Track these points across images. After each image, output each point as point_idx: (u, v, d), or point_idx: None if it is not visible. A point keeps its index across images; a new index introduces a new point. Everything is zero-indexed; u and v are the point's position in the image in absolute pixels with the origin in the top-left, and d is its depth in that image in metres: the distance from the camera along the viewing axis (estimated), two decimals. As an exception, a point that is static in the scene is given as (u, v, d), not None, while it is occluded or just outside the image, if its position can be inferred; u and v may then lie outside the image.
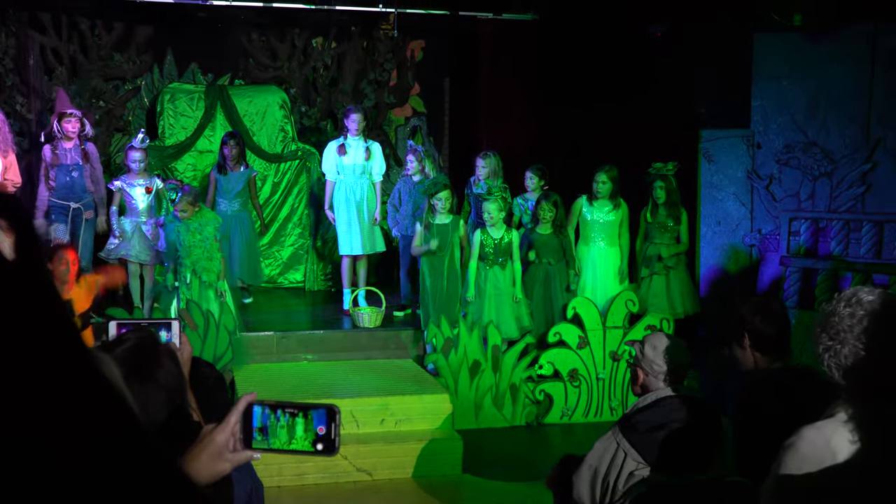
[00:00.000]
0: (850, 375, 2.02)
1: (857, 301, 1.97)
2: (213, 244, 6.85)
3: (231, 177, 8.01)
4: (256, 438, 1.58)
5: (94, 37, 9.28)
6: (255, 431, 1.58)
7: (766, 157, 9.27)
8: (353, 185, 7.83)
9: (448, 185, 7.18)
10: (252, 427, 1.58)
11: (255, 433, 1.58)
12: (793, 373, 3.18)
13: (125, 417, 0.86)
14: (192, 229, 6.77)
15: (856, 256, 8.40)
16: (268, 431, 1.57)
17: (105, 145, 9.23)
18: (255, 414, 1.58)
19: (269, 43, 9.84)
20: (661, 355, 3.28)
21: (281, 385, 6.44)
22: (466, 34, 10.04)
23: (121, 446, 0.82)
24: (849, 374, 2.02)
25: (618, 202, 7.45)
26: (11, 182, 7.31)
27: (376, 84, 9.94)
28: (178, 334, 2.38)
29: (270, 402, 1.58)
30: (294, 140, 9.38)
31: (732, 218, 9.36)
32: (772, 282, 9.01)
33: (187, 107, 9.18)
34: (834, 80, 8.91)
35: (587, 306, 7.03)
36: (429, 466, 5.92)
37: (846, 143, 8.99)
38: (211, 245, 6.83)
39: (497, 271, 7.02)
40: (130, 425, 0.85)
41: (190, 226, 6.78)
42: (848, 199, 9.01)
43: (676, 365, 3.28)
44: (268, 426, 1.57)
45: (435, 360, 6.78)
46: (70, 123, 7.46)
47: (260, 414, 1.58)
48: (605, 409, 7.08)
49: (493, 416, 6.82)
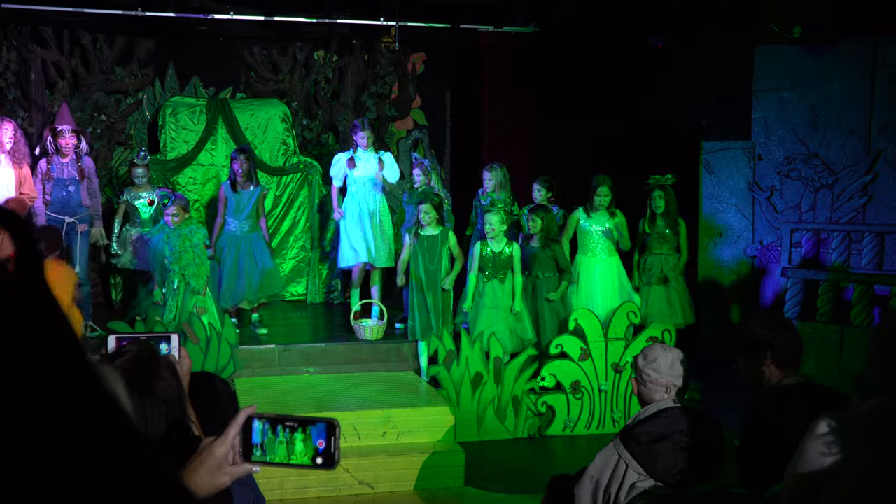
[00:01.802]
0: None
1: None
2: (202, 251, 6.91)
3: (242, 195, 7.68)
4: (256, 453, 1.58)
5: (96, 51, 9.31)
6: (255, 447, 1.57)
7: (767, 169, 9.29)
8: (366, 197, 7.77)
9: (432, 199, 7.11)
10: (251, 441, 1.58)
11: (255, 448, 1.57)
12: (806, 388, 3.22)
13: (126, 431, 0.86)
14: (182, 234, 6.82)
15: (857, 267, 8.40)
16: (266, 447, 1.57)
17: (106, 159, 9.25)
18: (255, 429, 1.58)
19: (270, 56, 9.87)
20: (661, 367, 3.28)
21: (284, 398, 6.43)
22: (467, 47, 10.07)
23: (122, 459, 0.82)
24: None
25: (613, 212, 7.46)
26: (28, 196, 7.33)
27: (378, 97, 9.96)
28: (178, 347, 2.38)
29: (270, 416, 1.58)
30: (296, 153, 9.39)
31: (734, 229, 9.37)
32: (773, 293, 9.01)
33: (189, 120, 9.20)
34: (834, 93, 8.94)
35: (589, 318, 7.02)
36: (431, 479, 5.90)
37: (847, 155, 9.01)
38: (201, 252, 6.88)
39: (496, 284, 7.01)
40: (131, 438, 0.85)
41: (180, 231, 6.83)
42: (849, 211, 9.02)
43: (676, 376, 3.28)
44: (266, 441, 1.57)
45: (437, 373, 6.77)
46: (63, 139, 7.49)
47: (260, 429, 1.58)
48: (608, 421, 7.06)
49: (495, 428, 6.81)
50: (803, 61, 8.94)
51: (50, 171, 7.49)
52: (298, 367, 7.13)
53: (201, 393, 2.55)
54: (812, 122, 9.08)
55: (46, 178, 7.48)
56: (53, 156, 7.55)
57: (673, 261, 7.60)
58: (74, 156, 7.57)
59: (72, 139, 7.53)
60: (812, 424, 2.21)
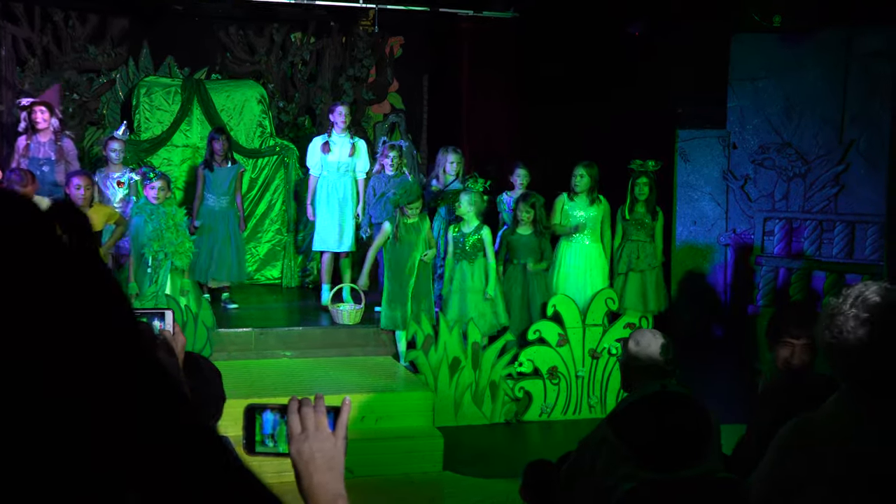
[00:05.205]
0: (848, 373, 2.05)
1: (862, 301, 1.99)
2: (184, 230, 6.86)
3: (219, 173, 7.88)
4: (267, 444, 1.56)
5: (68, 28, 9.14)
6: (267, 438, 1.56)
7: (741, 158, 9.37)
8: (337, 182, 7.79)
9: (421, 195, 7.12)
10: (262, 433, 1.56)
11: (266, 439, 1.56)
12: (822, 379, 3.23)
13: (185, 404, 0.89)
14: (167, 212, 6.75)
15: (828, 256, 8.51)
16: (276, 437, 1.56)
17: (79, 138, 9.09)
18: (266, 420, 1.57)
19: (246, 37, 9.76)
20: (646, 351, 3.30)
21: (261, 382, 6.40)
22: (446, 31, 10.03)
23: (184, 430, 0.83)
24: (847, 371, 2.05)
25: (597, 198, 7.47)
26: None
27: (355, 80, 9.90)
28: (172, 324, 2.35)
29: (279, 406, 1.57)
30: (272, 135, 9.31)
31: (708, 217, 9.45)
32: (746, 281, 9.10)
33: (163, 101, 9.09)
34: (809, 83, 9.03)
35: (567, 304, 7.05)
36: (409, 464, 5.91)
37: (820, 145, 9.11)
38: (183, 231, 6.83)
39: (464, 266, 7.01)
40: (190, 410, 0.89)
41: (164, 209, 6.76)
42: (821, 200, 9.14)
43: (663, 361, 3.30)
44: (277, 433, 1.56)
45: (415, 357, 6.77)
46: (35, 114, 7.41)
47: (271, 420, 1.56)
48: (584, 407, 7.11)
49: (472, 413, 6.83)
50: (779, 51, 9.01)
51: (28, 148, 7.39)
52: (275, 351, 7.09)
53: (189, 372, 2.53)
54: (786, 111, 9.17)
55: (23, 156, 7.38)
56: (35, 134, 7.46)
57: (650, 248, 7.64)
58: (53, 136, 7.47)
59: (43, 114, 7.44)
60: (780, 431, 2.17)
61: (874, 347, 1.97)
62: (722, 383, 7.67)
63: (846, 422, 2.06)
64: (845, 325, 1.98)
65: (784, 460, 2.11)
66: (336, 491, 1.46)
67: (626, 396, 3.35)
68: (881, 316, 1.97)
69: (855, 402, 2.06)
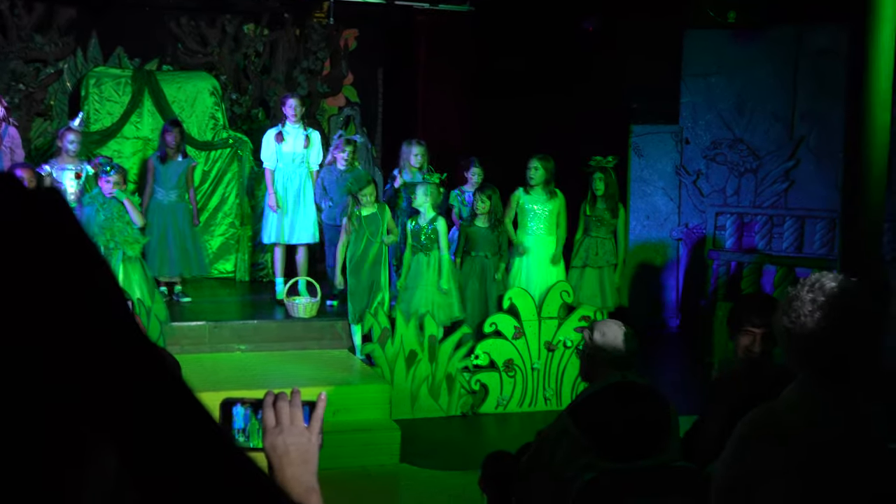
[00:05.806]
0: (806, 358, 2.08)
1: (819, 287, 2.02)
2: None
3: (170, 166, 7.79)
4: (238, 440, 1.53)
5: (14, 17, 8.91)
6: (238, 433, 1.53)
7: (694, 153, 9.48)
8: (292, 174, 7.73)
9: (371, 180, 7.14)
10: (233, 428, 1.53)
11: (237, 434, 1.53)
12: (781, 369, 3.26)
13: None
14: (117, 203, 6.73)
15: (779, 251, 8.67)
16: (248, 432, 1.53)
17: (25, 130, 8.89)
18: (237, 414, 1.54)
19: (198, 28, 9.60)
20: (611, 342, 3.32)
21: (215, 376, 6.32)
22: (401, 24, 9.99)
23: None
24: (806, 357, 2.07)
25: (553, 191, 7.49)
26: None
27: (309, 73, 9.81)
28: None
29: (251, 401, 1.54)
30: (225, 128, 9.19)
31: (661, 212, 9.55)
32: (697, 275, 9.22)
33: (113, 92, 8.92)
34: (760, 79, 9.16)
35: (523, 297, 7.08)
36: (366, 456, 5.89)
37: (771, 141, 9.26)
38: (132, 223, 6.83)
39: (420, 258, 7.00)
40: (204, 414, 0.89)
41: (113, 200, 6.73)
42: (772, 195, 9.29)
43: (625, 352, 3.32)
44: (249, 427, 1.53)
45: (371, 350, 6.75)
46: None
47: (242, 414, 1.53)
48: (540, 399, 7.15)
49: (429, 405, 6.82)
50: (731, 47, 9.13)
51: None
52: (229, 345, 7.02)
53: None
54: (738, 107, 9.30)
55: None
56: None
57: (609, 245, 7.70)
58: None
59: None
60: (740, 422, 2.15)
61: (830, 331, 2.00)
62: (675, 376, 7.77)
63: (809, 409, 2.07)
64: (802, 308, 2.01)
65: (745, 453, 2.11)
66: (309, 484, 1.45)
67: (587, 387, 3.37)
68: (837, 300, 2.00)
69: (816, 389, 2.08)
